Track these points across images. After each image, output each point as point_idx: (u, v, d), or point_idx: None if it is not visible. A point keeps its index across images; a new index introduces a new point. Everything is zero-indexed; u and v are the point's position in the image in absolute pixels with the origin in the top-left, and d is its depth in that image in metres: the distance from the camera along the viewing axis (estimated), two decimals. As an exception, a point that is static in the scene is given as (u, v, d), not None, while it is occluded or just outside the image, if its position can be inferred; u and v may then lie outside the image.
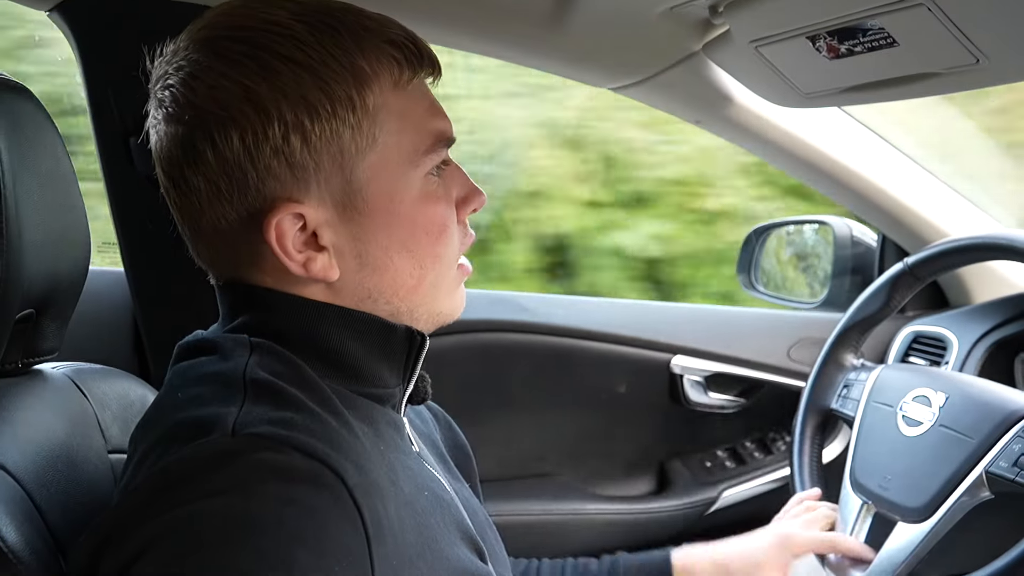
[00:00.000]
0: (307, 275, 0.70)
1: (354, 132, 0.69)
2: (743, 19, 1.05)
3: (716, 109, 1.43)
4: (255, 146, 0.66)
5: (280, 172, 0.67)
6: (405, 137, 0.71)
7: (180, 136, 0.68)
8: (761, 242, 1.87)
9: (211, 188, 0.68)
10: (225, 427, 0.61)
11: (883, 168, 1.52)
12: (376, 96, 0.69)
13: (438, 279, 0.76)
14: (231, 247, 0.71)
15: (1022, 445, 1.01)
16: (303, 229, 0.69)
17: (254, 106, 0.66)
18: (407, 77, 0.71)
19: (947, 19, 0.85)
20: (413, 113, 0.72)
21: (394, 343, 0.75)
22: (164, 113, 0.69)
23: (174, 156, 0.69)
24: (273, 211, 0.68)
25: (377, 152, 0.70)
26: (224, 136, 0.66)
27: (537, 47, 1.31)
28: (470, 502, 0.88)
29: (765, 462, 1.73)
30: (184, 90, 0.67)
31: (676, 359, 1.66)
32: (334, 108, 0.67)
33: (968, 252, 1.21)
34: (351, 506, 0.60)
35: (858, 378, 1.28)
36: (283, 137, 0.66)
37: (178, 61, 0.69)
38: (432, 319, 0.78)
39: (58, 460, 0.76)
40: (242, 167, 0.67)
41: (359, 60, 0.68)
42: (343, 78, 0.68)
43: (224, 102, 0.66)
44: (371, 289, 0.73)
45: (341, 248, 0.71)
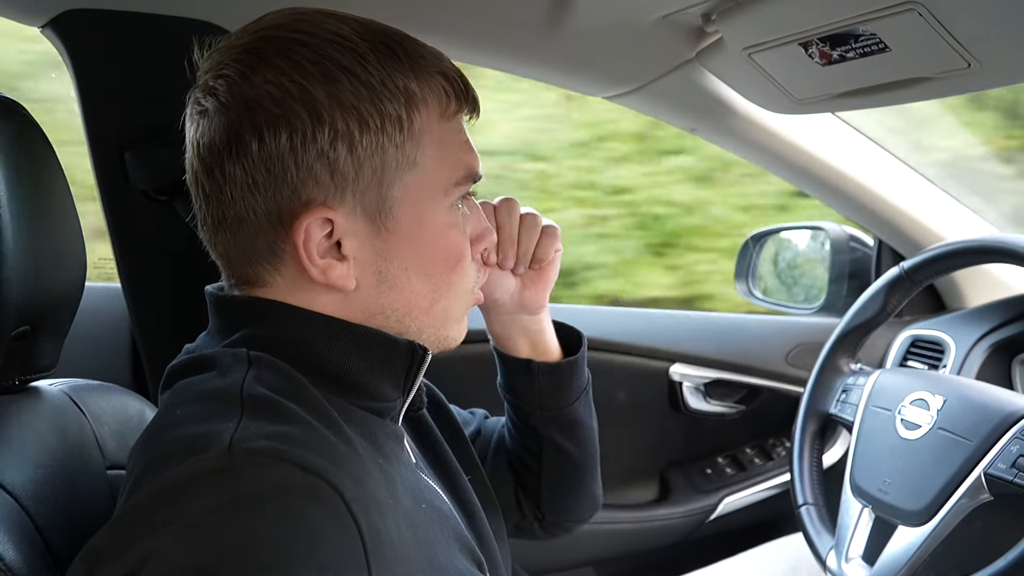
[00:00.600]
0: (324, 281, 0.71)
1: (397, 150, 0.70)
2: (736, 26, 1.06)
3: (710, 116, 1.43)
4: (302, 147, 0.68)
5: (320, 176, 0.69)
6: (442, 165, 0.73)
7: (227, 125, 0.69)
8: (758, 248, 1.87)
9: (248, 180, 0.69)
10: (223, 443, 0.61)
11: (878, 173, 1.53)
12: (423, 121, 0.72)
13: (449, 306, 0.77)
14: (252, 241, 0.71)
15: (1020, 446, 1.01)
16: (329, 236, 0.70)
17: (308, 109, 0.67)
18: (452, 110, 0.74)
19: (938, 24, 0.85)
20: (452, 144, 0.74)
21: (396, 357, 0.75)
22: (215, 101, 0.70)
23: (216, 144, 0.69)
24: (305, 213, 0.69)
25: (414, 174, 0.72)
26: (273, 132, 0.67)
27: (532, 56, 1.32)
28: (469, 505, 0.88)
29: (765, 468, 1.73)
30: (240, 80, 0.68)
31: (675, 366, 1.66)
32: (383, 124, 0.69)
33: (964, 255, 1.22)
34: (349, 520, 0.60)
35: (856, 383, 1.28)
36: (330, 143, 0.68)
37: (236, 53, 0.70)
38: (437, 342, 0.79)
39: (56, 477, 0.76)
40: (284, 164, 0.68)
41: (413, 84, 0.71)
42: (396, 98, 0.70)
43: (280, 100, 0.67)
44: (384, 306, 0.74)
45: (363, 261, 0.72)
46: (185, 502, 0.57)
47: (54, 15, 1.13)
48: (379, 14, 0.74)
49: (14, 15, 1.16)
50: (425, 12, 1.17)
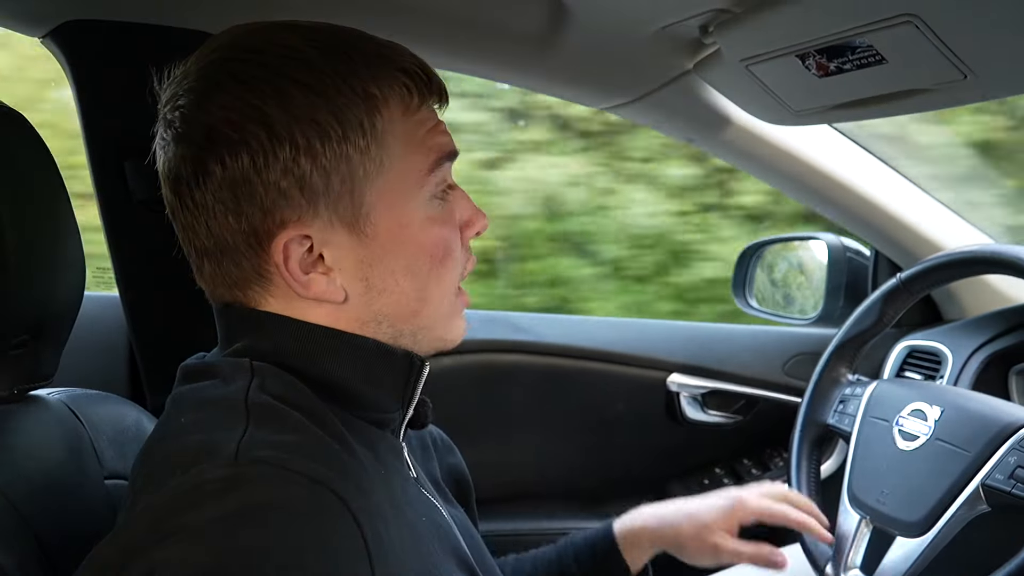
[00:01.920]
0: (313, 296, 0.71)
1: (363, 156, 0.69)
2: (733, 38, 1.06)
3: (708, 128, 1.44)
4: (265, 167, 0.67)
5: (289, 193, 0.68)
6: (412, 159, 0.72)
7: (190, 156, 0.68)
8: (756, 259, 1.88)
9: (219, 207, 0.68)
10: (228, 452, 0.61)
11: (874, 184, 1.53)
12: (386, 122, 0.70)
13: (441, 303, 0.76)
14: (236, 267, 0.71)
15: (1018, 457, 1.01)
16: (310, 251, 0.70)
17: (266, 129, 0.66)
18: (416, 104, 0.73)
19: (934, 36, 0.86)
20: (418, 135, 0.73)
21: (393, 368, 0.75)
22: (174, 133, 0.69)
23: (183, 175, 0.69)
24: (281, 232, 0.68)
25: (384, 176, 0.71)
26: (234, 156, 0.67)
27: (530, 68, 1.32)
28: (467, 528, 0.88)
29: (763, 479, 1.73)
30: (195, 111, 0.68)
31: (672, 377, 1.67)
32: (345, 132, 0.68)
33: (960, 266, 1.22)
34: (354, 529, 0.60)
35: (854, 393, 1.28)
36: (293, 159, 0.67)
37: (189, 82, 0.69)
38: (433, 343, 0.78)
39: (54, 486, 0.76)
40: (251, 187, 0.67)
41: (371, 86, 0.69)
42: (354, 103, 0.69)
43: (236, 123, 0.67)
44: (376, 312, 0.73)
45: (347, 270, 0.71)
46: (191, 512, 0.57)
47: (54, 25, 1.13)
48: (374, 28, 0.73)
49: (15, 25, 1.16)
50: (424, 25, 1.17)
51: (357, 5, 1.12)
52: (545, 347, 1.61)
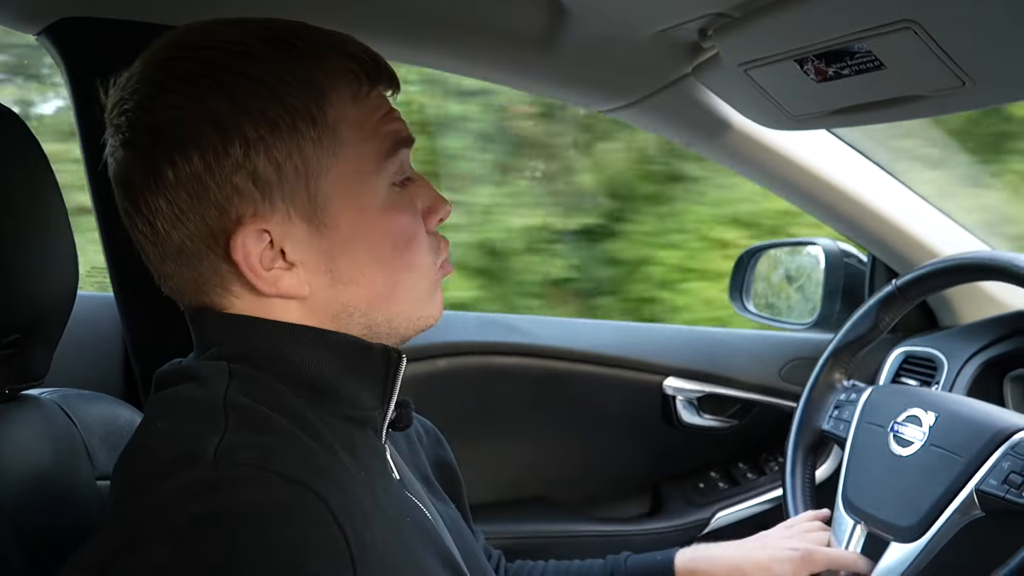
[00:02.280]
0: (277, 293, 0.70)
1: (315, 146, 0.68)
2: (732, 42, 1.06)
3: (706, 131, 1.43)
4: (217, 164, 0.66)
5: (243, 189, 0.67)
6: (365, 146, 0.71)
7: (140, 160, 0.68)
8: (753, 264, 1.88)
9: (173, 209, 0.67)
10: (208, 456, 0.60)
11: (872, 190, 1.53)
12: (336, 110, 0.69)
13: (413, 286, 0.75)
14: (197, 269, 0.70)
15: (1012, 462, 1.01)
16: (271, 247, 0.69)
17: (213, 125, 0.66)
18: (366, 90, 0.72)
19: (933, 42, 0.86)
20: (371, 121, 0.72)
21: (370, 363, 0.74)
22: (122, 138, 0.69)
23: (134, 181, 0.68)
24: (238, 229, 0.67)
25: (339, 165, 0.70)
26: (184, 156, 0.66)
27: (528, 70, 1.32)
28: (456, 525, 0.88)
29: (758, 483, 1.73)
30: (141, 113, 0.67)
31: (668, 380, 1.66)
32: (294, 122, 0.67)
33: (956, 273, 1.22)
34: (335, 530, 0.60)
35: (849, 399, 1.28)
36: (244, 154, 0.66)
37: (133, 85, 0.69)
38: (411, 326, 0.77)
39: (45, 486, 0.76)
40: (204, 185, 0.66)
41: (317, 74, 0.69)
42: (302, 92, 0.68)
43: (183, 122, 0.66)
44: (345, 303, 0.72)
45: (311, 264, 0.70)
46: (172, 516, 0.57)
47: (49, 23, 1.13)
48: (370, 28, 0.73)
49: (10, 22, 1.16)
50: (421, 26, 1.17)
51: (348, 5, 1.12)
52: (542, 350, 1.60)
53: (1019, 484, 1.00)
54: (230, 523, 0.56)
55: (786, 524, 1.19)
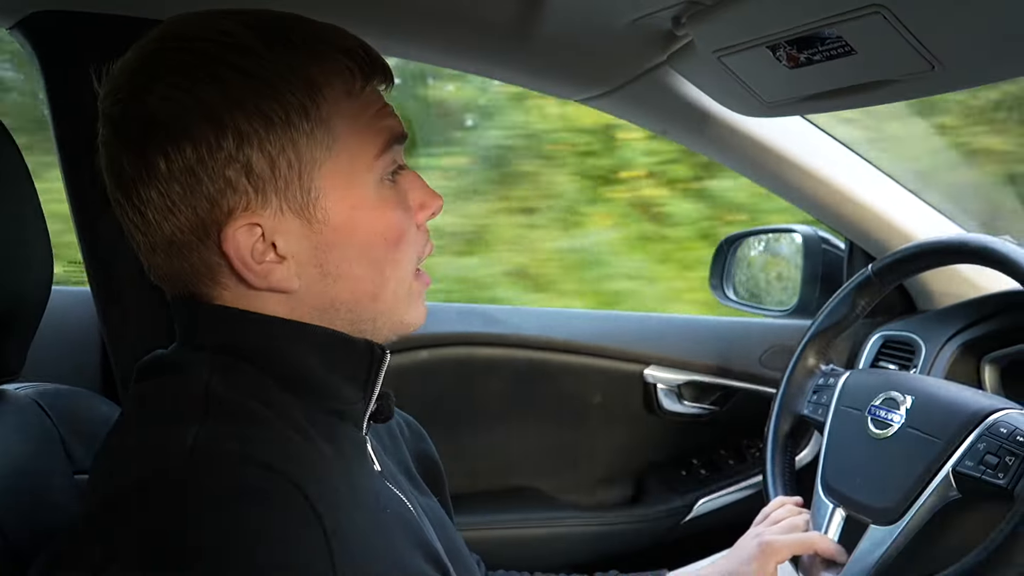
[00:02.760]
0: (267, 286, 0.70)
1: (309, 140, 0.68)
2: (705, 30, 1.07)
3: (682, 119, 1.44)
4: (209, 157, 0.66)
5: (236, 182, 0.67)
6: (359, 142, 0.71)
7: (132, 150, 0.67)
8: (732, 251, 1.89)
9: (165, 201, 0.67)
10: (188, 445, 0.60)
11: (847, 175, 1.54)
12: (330, 104, 0.69)
13: (398, 287, 0.75)
14: (187, 260, 0.70)
15: (987, 444, 1.02)
16: (262, 240, 0.68)
17: (207, 117, 0.65)
18: (360, 86, 0.71)
19: (902, 27, 0.86)
20: (365, 117, 0.72)
21: (354, 357, 0.75)
22: (114, 128, 0.68)
23: (126, 171, 0.68)
24: (230, 222, 0.67)
25: (333, 160, 0.70)
26: (177, 148, 0.65)
27: (503, 60, 1.32)
28: (438, 517, 0.88)
29: (739, 469, 1.74)
30: (134, 103, 0.67)
31: (649, 369, 1.67)
32: (288, 116, 0.67)
33: (930, 256, 1.23)
34: (314, 520, 0.60)
35: (828, 383, 1.29)
36: (237, 147, 0.66)
37: (127, 75, 0.68)
38: (394, 328, 0.77)
39: (21, 481, 0.75)
40: (196, 177, 0.66)
41: (312, 69, 0.68)
42: (296, 87, 0.67)
43: (176, 114, 0.65)
44: (333, 299, 0.72)
45: (301, 258, 0.70)
46: (149, 506, 0.57)
47: (23, 16, 1.12)
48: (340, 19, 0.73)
49: (-18, 16, 1.15)
50: (392, 16, 1.17)
51: (328, -4, 1.11)
52: (522, 340, 1.61)
53: (995, 465, 1.01)
54: (208, 511, 0.57)
55: (761, 514, 1.21)
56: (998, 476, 1.00)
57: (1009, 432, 1.02)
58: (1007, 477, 0.99)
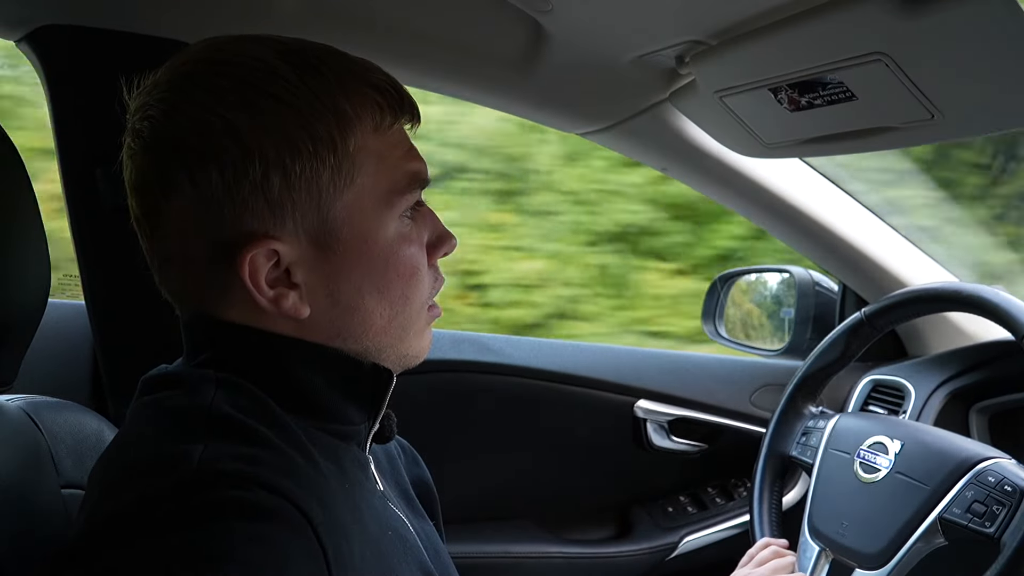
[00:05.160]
0: (277, 312, 0.70)
1: (333, 173, 0.68)
2: (708, 70, 1.08)
3: (681, 157, 1.45)
4: (234, 181, 0.66)
5: (257, 208, 0.67)
6: (382, 179, 0.71)
7: (157, 166, 0.68)
8: (725, 290, 1.89)
9: (185, 219, 0.68)
10: (190, 463, 0.60)
11: (843, 219, 1.55)
12: (357, 139, 0.69)
13: (407, 321, 0.75)
14: (200, 279, 0.70)
15: (975, 492, 1.02)
16: (276, 265, 0.69)
17: (235, 141, 0.66)
18: (388, 123, 0.72)
19: (903, 75, 0.87)
20: (391, 156, 0.72)
21: (360, 380, 0.75)
22: (142, 143, 0.68)
23: (149, 186, 0.68)
24: (248, 246, 0.67)
25: (354, 192, 0.70)
26: (203, 169, 0.66)
27: (506, 91, 1.33)
28: (433, 542, 0.87)
29: (727, 508, 1.73)
30: (165, 121, 0.67)
31: (640, 403, 1.67)
32: (316, 148, 0.67)
33: (923, 302, 1.24)
34: (315, 544, 0.60)
35: (817, 426, 1.29)
36: (263, 174, 0.66)
37: (160, 92, 0.68)
38: (399, 360, 0.77)
39: (8, 493, 0.75)
40: (219, 200, 0.66)
41: (342, 102, 0.69)
42: (326, 119, 0.68)
43: (205, 135, 0.66)
44: (340, 328, 0.72)
45: (313, 286, 0.70)
46: (150, 522, 0.57)
47: (29, 30, 1.13)
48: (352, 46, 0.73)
49: (-9, 28, 1.16)
50: (402, 45, 1.18)
51: (334, 22, 1.12)
52: (513, 368, 1.60)
53: (982, 513, 1.01)
54: (209, 530, 0.56)
55: (747, 556, 1.20)
56: (985, 524, 1.00)
57: (997, 481, 1.02)
58: (994, 526, 1.00)
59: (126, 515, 0.58)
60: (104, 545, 0.56)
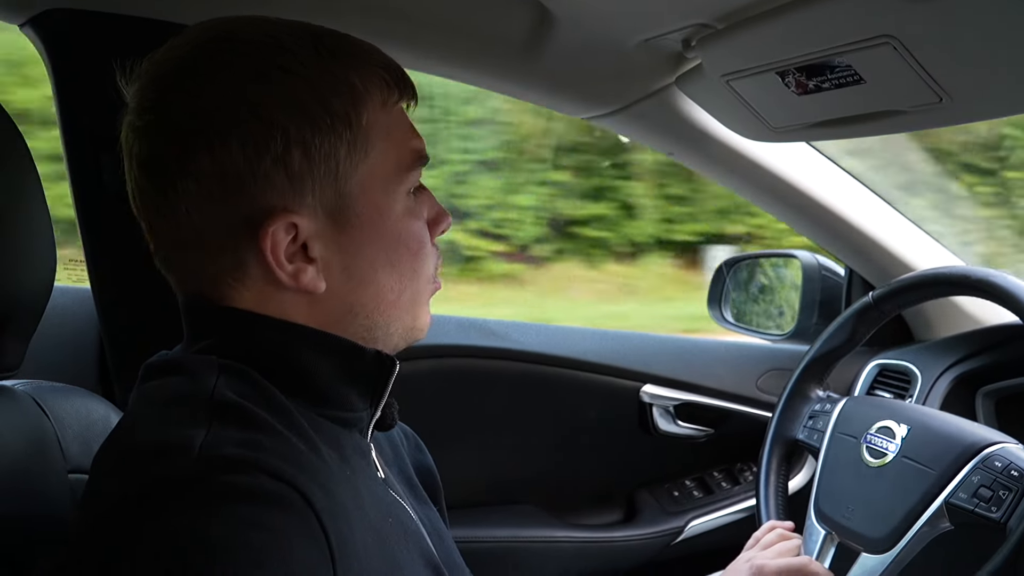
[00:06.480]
0: (296, 286, 0.70)
1: (349, 148, 0.69)
2: (715, 53, 1.07)
3: (688, 141, 1.44)
4: (256, 155, 0.66)
5: (278, 182, 0.67)
6: (391, 155, 0.73)
7: (173, 141, 0.67)
8: (732, 274, 1.89)
9: (204, 194, 0.67)
10: (192, 448, 0.60)
11: (849, 203, 1.55)
12: (369, 114, 0.70)
13: (416, 295, 0.77)
14: (215, 257, 0.70)
15: (981, 476, 1.02)
16: (293, 241, 0.69)
17: (256, 116, 0.66)
18: (394, 99, 0.73)
19: (912, 58, 0.87)
20: (397, 132, 0.74)
21: (363, 367, 0.75)
22: (154, 118, 0.68)
23: (165, 163, 0.68)
24: (269, 219, 0.67)
25: (368, 168, 0.71)
26: (223, 143, 0.66)
27: (513, 75, 1.33)
28: (436, 528, 0.88)
29: (733, 492, 1.74)
30: (183, 96, 0.67)
31: (646, 388, 1.67)
32: (333, 123, 0.68)
33: (931, 286, 1.23)
34: (318, 529, 0.60)
35: (823, 409, 1.29)
36: (284, 148, 0.67)
37: (172, 65, 0.69)
38: (406, 334, 0.78)
39: (15, 477, 0.75)
40: (240, 175, 0.67)
41: (353, 77, 0.70)
42: (341, 93, 0.69)
43: (226, 110, 0.66)
44: (353, 303, 0.73)
45: (329, 261, 0.71)
46: (153, 508, 0.57)
47: (34, 13, 1.12)
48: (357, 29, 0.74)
49: (-6, 12, 1.15)
50: (408, 28, 1.17)
51: (340, 5, 1.12)
52: (520, 354, 1.61)
53: (988, 498, 1.01)
54: (211, 515, 0.56)
55: (752, 539, 1.20)
56: (991, 509, 1.00)
57: (1004, 466, 1.02)
58: (1000, 511, 0.99)
59: (129, 500, 0.58)
60: (107, 530, 0.57)
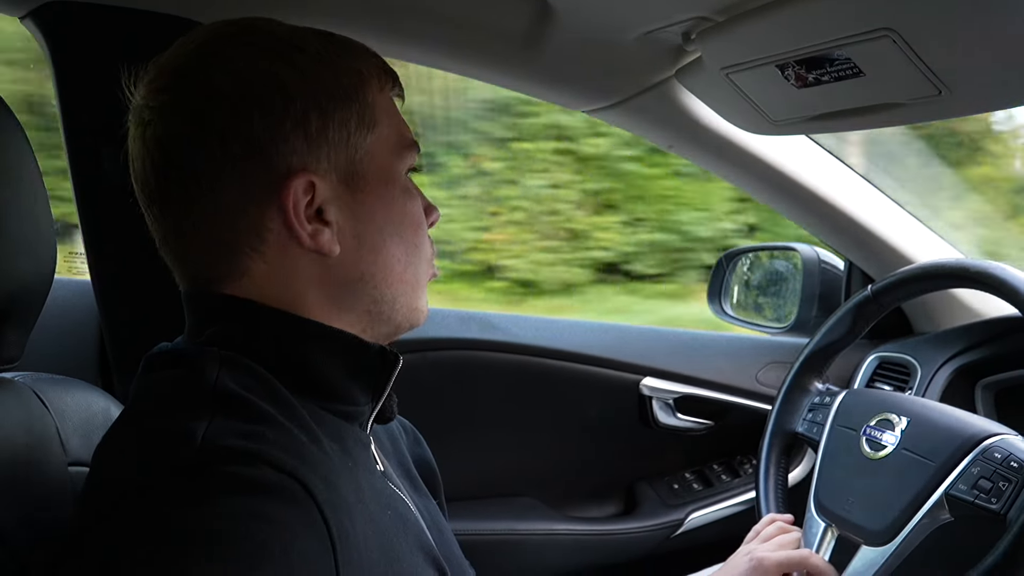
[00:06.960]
0: (314, 247, 0.71)
1: (359, 119, 0.74)
2: (715, 46, 1.07)
3: (688, 134, 1.44)
4: (276, 120, 0.69)
5: (297, 145, 0.70)
6: (392, 132, 0.77)
7: (193, 116, 0.69)
8: (731, 267, 1.89)
9: (221, 167, 0.69)
10: (194, 440, 0.60)
11: (850, 196, 1.54)
12: (373, 94, 0.75)
13: (419, 273, 0.79)
14: (233, 227, 0.71)
15: (981, 468, 1.02)
16: (310, 204, 0.71)
17: (275, 86, 0.69)
18: (389, 86, 0.78)
19: (911, 51, 0.87)
20: (395, 116, 0.78)
21: (366, 361, 0.75)
22: (172, 97, 0.70)
23: (185, 136, 0.69)
24: (290, 178, 0.70)
25: (375, 138, 0.75)
26: (244, 113, 0.69)
27: (512, 68, 1.33)
28: (436, 521, 0.88)
29: (732, 485, 1.74)
30: (199, 74, 0.70)
31: (646, 381, 1.67)
32: (346, 95, 0.73)
33: (930, 279, 1.24)
34: (320, 521, 0.60)
35: (823, 402, 1.29)
36: (303, 112, 0.70)
37: (188, 48, 0.71)
38: (408, 315, 0.79)
39: (15, 470, 0.75)
40: (260, 139, 0.69)
41: (357, 63, 0.75)
42: (350, 75, 0.73)
43: (245, 80, 0.69)
44: (363, 271, 0.75)
45: (342, 225, 0.73)
46: (155, 499, 0.57)
47: (35, 6, 1.12)
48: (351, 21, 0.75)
49: (-6, 5, 1.15)
50: (407, 21, 1.17)
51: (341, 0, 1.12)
52: (519, 347, 1.61)
53: (988, 490, 1.01)
54: (213, 507, 0.56)
55: (752, 531, 1.21)
56: (991, 501, 1.00)
57: (1003, 457, 1.02)
58: (1000, 502, 1.00)
59: (131, 492, 0.58)
60: (108, 521, 0.57)
